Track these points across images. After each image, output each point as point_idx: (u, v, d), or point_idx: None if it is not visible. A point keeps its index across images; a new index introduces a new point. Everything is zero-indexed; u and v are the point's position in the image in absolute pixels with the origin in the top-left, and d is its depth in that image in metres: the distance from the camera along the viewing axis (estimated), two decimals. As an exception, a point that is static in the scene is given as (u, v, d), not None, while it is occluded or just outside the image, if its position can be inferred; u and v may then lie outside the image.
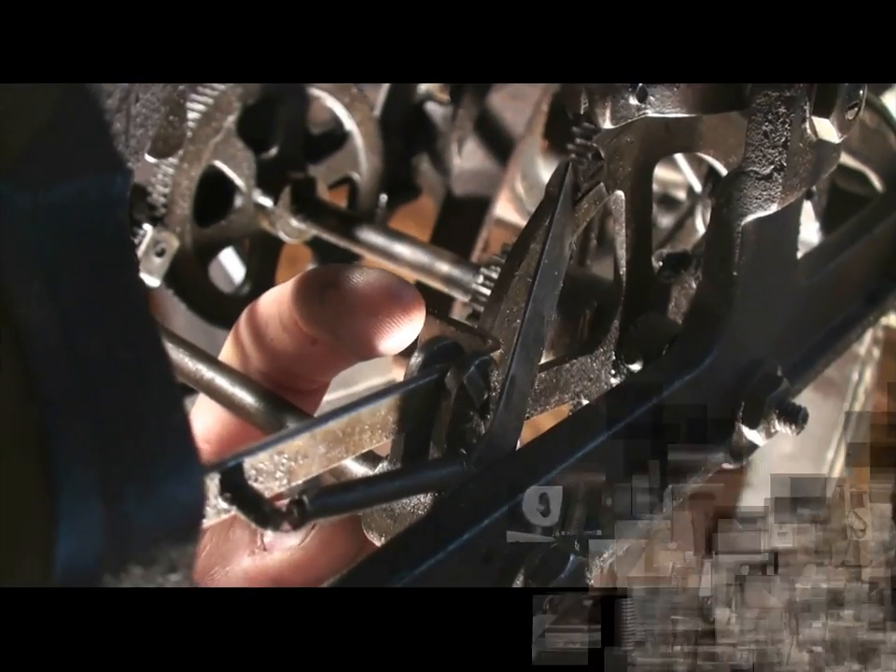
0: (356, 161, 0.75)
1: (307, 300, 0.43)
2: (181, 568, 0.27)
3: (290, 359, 0.45)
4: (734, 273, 0.45)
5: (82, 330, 0.28)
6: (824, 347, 0.56)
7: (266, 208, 0.68)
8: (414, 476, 0.37)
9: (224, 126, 0.66)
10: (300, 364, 0.45)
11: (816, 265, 0.54)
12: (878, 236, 0.58)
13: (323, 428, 0.35)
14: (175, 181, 0.65)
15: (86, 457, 0.26)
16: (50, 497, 0.25)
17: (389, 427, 0.38)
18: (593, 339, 0.48)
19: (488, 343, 0.40)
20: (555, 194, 0.42)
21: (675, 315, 0.50)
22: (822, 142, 0.44)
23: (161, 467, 0.27)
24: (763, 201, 0.44)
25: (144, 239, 0.64)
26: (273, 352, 0.44)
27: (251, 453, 0.33)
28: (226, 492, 0.32)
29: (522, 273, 0.42)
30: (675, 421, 0.45)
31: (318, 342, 0.43)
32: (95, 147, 0.30)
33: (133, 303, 0.30)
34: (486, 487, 0.38)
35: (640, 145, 0.47)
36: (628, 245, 0.48)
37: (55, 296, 0.28)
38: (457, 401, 0.38)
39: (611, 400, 0.43)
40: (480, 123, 0.77)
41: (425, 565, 0.34)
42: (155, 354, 0.29)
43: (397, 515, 0.39)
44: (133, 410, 0.27)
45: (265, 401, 0.45)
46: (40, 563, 0.24)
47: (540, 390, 0.45)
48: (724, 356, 0.47)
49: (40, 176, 0.29)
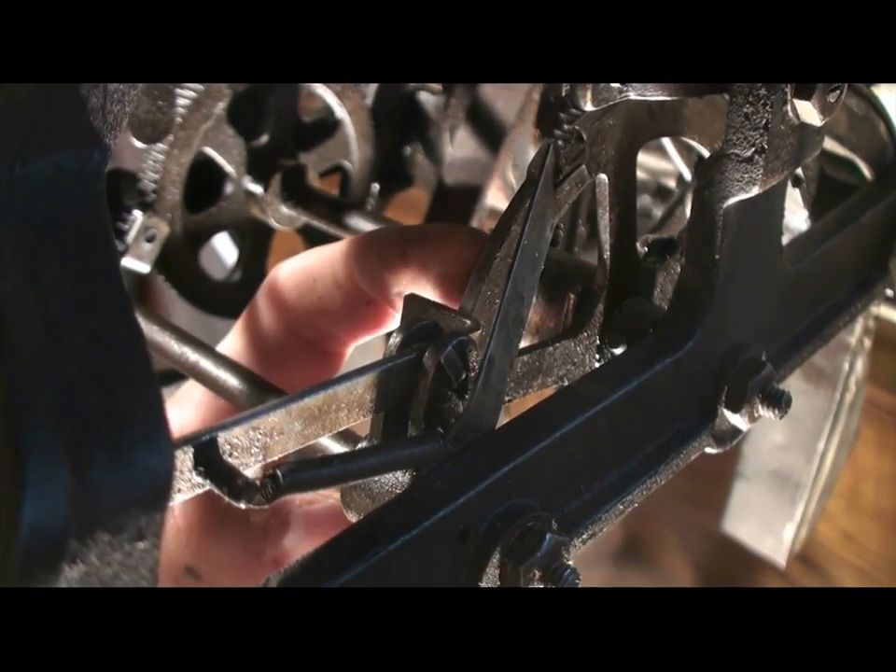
0: (347, 149, 0.75)
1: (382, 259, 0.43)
2: (149, 536, 0.27)
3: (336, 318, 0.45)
4: (716, 256, 0.45)
5: (54, 301, 0.28)
6: (810, 334, 0.56)
7: (256, 195, 0.68)
8: (390, 453, 0.37)
9: (214, 112, 0.66)
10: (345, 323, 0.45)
11: (802, 252, 0.54)
12: (866, 224, 0.58)
13: (299, 405, 0.36)
14: (166, 167, 0.65)
15: (54, 424, 0.26)
16: (17, 463, 0.25)
17: (367, 405, 0.38)
18: (577, 323, 0.49)
19: (467, 323, 0.40)
20: (536, 176, 0.42)
21: (660, 301, 0.50)
22: (804, 125, 0.44)
23: (130, 435, 0.27)
24: (745, 183, 0.44)
25: (134, 225, 0.64)
26: (317, 310, 0.45)
27: (226, 427, 0.34)
28: (199, 466, 0.33)
29: (503, 255, 0.42)
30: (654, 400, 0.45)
31: (373, 302, 0.43)
32: (72, 122, 0.30)
33: (108, 275, 0.30)
34: (463, 466, 0.38)
35: (624, 128, 0.47)
36: (612, 230, 0.48)
37: (28, 267, 0.28)
38: (435, 381, 0.38)
39: (591, 382, 0.44)
40: (471, 112, 0.78)
41: (400, 540, 0.35)
42: (127, 325, 0.29)
43: (375, 494, 0.39)
44: (103, 378, 0.27)
45: (249, 384, 0.46)
46: (6, 527, 0.24)
47: (523, 373, 0.45)
48: (707, 339, 0.47)
49: (16, 150, 0.29)
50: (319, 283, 0.45)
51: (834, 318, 0.57)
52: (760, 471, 0.84)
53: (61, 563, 0.25)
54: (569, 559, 0.39)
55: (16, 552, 0.24)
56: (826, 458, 0.82)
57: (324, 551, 0.34)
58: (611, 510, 0.43)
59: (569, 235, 0.69)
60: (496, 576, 0.38)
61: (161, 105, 0.58)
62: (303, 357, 0.47)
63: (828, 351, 0.75)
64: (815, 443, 0.80)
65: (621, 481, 0.44)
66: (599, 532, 0.42)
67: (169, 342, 0.49)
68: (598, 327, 0.48)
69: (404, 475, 0.39)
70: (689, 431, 0.47)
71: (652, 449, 0.46)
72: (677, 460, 0.46)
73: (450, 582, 0.37)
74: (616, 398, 0.43)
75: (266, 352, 0.48)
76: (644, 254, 0.51)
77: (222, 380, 0.46)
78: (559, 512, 0.41)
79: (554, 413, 0.41)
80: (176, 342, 0.49)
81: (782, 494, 0.83)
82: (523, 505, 0.39)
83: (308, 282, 0.45)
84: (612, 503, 0.43)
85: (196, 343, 0.48)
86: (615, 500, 0.43)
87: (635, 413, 0.44)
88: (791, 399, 0.49)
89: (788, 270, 0.52)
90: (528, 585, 0.38)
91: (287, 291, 0.46)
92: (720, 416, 0.48)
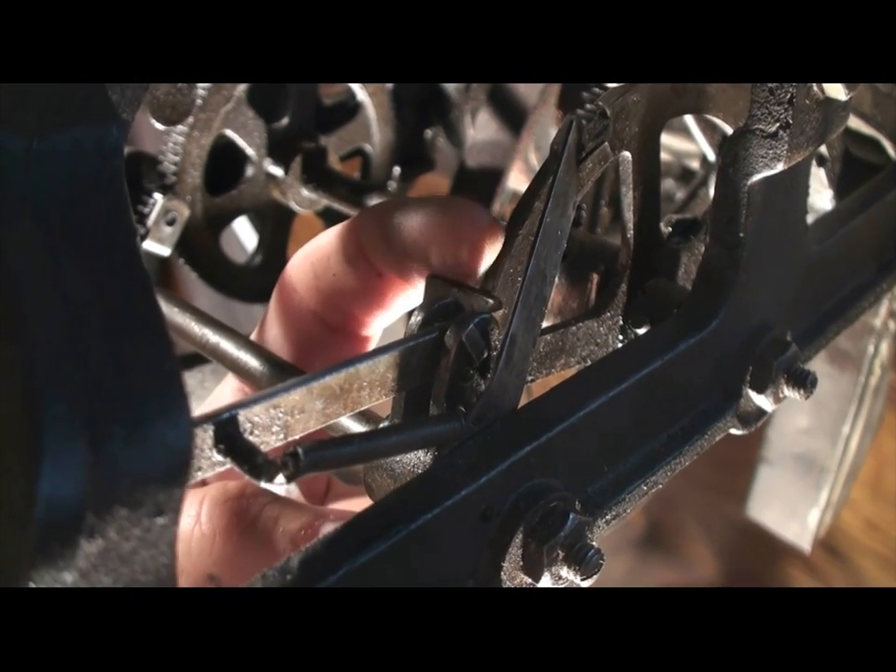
0: (368, 132, 0.75)
1: (382, 230, 0.43)
2: (168, 512, 0.27)
3: (352, 295, 0.45)
4: (740, 234, 0.45)
5: (72, 277, 0.28)
6: (835, 314, 0.55)
7: (277, 178, 0.68)
8: (411, 432, 0.36)
9: (235, 95, 0.65)
10: (361, 299, 0.45)
11: (826, 231, 0.53)
12: (891, 203, 0.57)
13: (320, 383, 0.35)
14: (186, 149, 0.65)
15: (72, 398, 0.26)
16: (35, 435, 0.25)
17: (388, 384, 0.38)
18: (600, 303, 0.48)
19: (489, 302, 0.39)
20: (559, 152, 0.42)
21: (684, 282, 0.49)
22: (829, 100, 0.43)
23: (148, 409, 0.27)
24: (770, 160, 0.43)
25: (154, 208, 0.64)
26: (334, 289, 0.45)
27: (246, 405, 0.33)
28: (220, 443, 0.32)
29: (525, 233, 0.41)
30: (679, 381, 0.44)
31: (384, 275, 0.44)
32: (90, 97, 0.30)
33: (126, 251, 0.30)
34: (485, 445, 0.37)
35: (647, 105, 0.46)
36: (635, 208, 0.47)
37: (46, 240, 0.28)
38: (456, 359, 0.38)
39: (614, 362, 0.43)
40: (493, 94, 0.77)
41: (421, 520, 0.34)
42: (145, 301, 0.29)
43: (397, 474, 0.39)
44: (121, 354, 0.27)
45: (270, 365, 0.45)
46: (23, 500, 0.24)
47: (546, 353, 0.44)
48: (731, 319, 0.46)
49: (35, 124, 0.29)
50: (333, 260, 0.45)
51: (860, 299, 0.57)
52: (784, 456, 0.83)
53: (78, 537, 0.25)
54: (593, 539, 0.39)
55: (32, 525, 0.24)
56: (851, 442, 0.81)
57: (345, 530, 0.33)
58: (635, 490, 0.42)
59: (592, 217, 0.68)
60: (518, 556, 0.38)
61: (181, 87, 0.57)
62: (330, 343, 0.47)
63: (852, 333, 0.74)
64: (839, 427, 0.80)
65: (644, 461, 0.43)
66: (623, 513, 0.42)
67: (190, 324, 0.49)
68: (622, 307, 0.48)
69: (426, 454, 0.38)
70: (713, 412, 0.47)
71: (676, 430, 0.45)
72: (701, 441, 0.46)
73: (472, 562, 0.37)
74: (639, 378, 0.42)
75: (294, 341, 0.48)
76: (668, 234, 0.50)
77: (243, 361, 0.46)
78: (582, 493, 0.41)
79: (577, 393, 0.41)
80: (197, 323, 0.49)
81: (807, 478, 0.82)
82: (545, 485, 0.39)
83: (323, 261, 0.45)
84: (636, 484, 0.43)
85: (217, 324, 0.48)
86: (639, 481, 0.43)
87: (658, 394, 0.44)
88: (817, 379, 0.48)
89: (812, 249, 0.51)
90: (552, 565, 0.38)
91: (305, 274, 0.46)
92: (744, 397, 0.48)
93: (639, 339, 0.46)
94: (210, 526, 0.44)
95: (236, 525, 0.44)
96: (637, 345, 0.45)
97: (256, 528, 0.44)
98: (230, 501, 0.44)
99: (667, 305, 0.48)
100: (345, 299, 0.45)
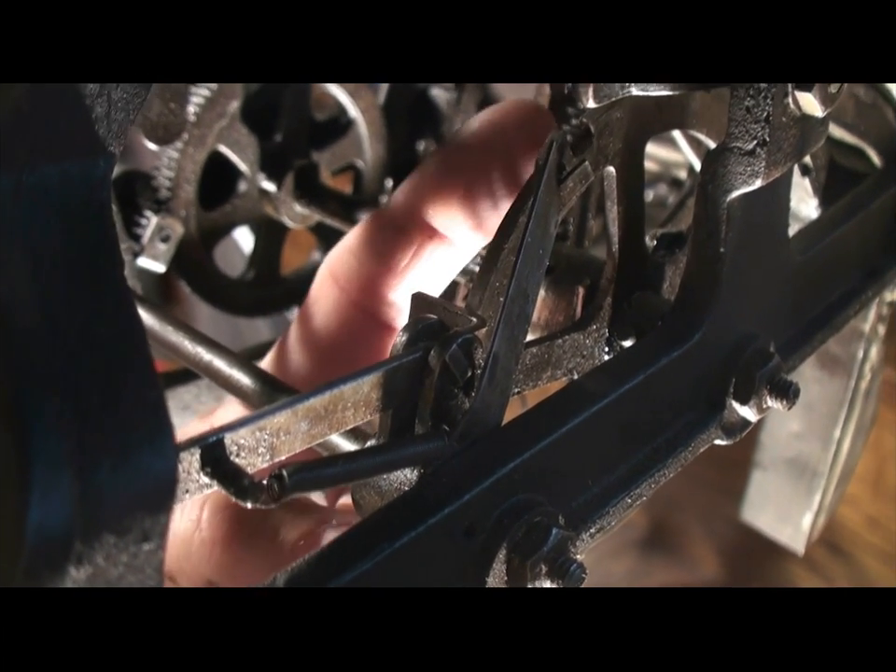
0: (360, 148, 0.76)
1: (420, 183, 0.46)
2: (154, 538, 0.28)
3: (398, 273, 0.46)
4: (721, 249, 0.45)
5: (61, 307, 0.29)
6: (821, 322, 0.56)
7: (270, 193, 0.69)
8: (396, 451, 0.37)
9: (228, 111, 0.66)
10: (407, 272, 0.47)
11: (811, 241, 0.54)
12: (876, 211, 0.58)
13: (305, 405, 0.36)
14: (181, 165, 0.65)
15: (59, 428, 0.26)
16: (23, 466, 0.25)
17: (373, 404, 0.39)
18: (586, 316, 0.49)
19: (472, 321, 0.40)
20: (542, 168, 0.42)
21: (669, 295, 0.50)
22: (806, 116, 0.44)
23: (134, 438, 0.28)
24: (748, 176, 0.44)
25: (148, 226, 0.65)
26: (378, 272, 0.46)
27: (232, 428, 0.34)
28: (206, 466, 0.33)
29: (510, 247, 0.42)
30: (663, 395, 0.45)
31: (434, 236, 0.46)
32: (78, 131, 0.30)
33: (113, 281, 0.30)
34: (469, 462, 0.38)
35: (631, 121, 0.47)
36: (620, 223, 0.48)
37: (36, 272, 0.29)
38: (441, 379, 0.39)
39: (597, 376, 0.44)
40: (483, 107, 0.77)
41: (406, 537, 0.35)
42: (132, 331, 0.30)
43: (384, 492, 0.40)
44: (108, 384, 0.28)
45: (262, 383, 0.46)
46: (13, 530, 0.25)
47: (532, 365, 0.45)
48: (714, 332, 0.47)
49: (24, 158, 0.29)
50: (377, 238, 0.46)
51: (846, 306, 0.57)
52: (777, 460, 0.84)
53: (67, 564, 0.26)
54: (577, 553, 0.40)
55: (23, 554, 0.25)
56: (842, 446, 0.82)
57: (330, 549, 0.34)
58: (619, 503, 0.43)
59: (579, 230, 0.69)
60: (502, 571, 0.38)
61: (173, 108, 0.58)
62: (368, 333, 0.48)
63: (842, 338, 0.75)
64: (831, 431, 0.80)
65: (629, 474, 0.44)
66: (608, 526, 0.43)
67: (183, 342, 0.50)
68: (608, 319, 0.49)
69: (412, 472, 0.39)
70: (697, 424, 0.47)
71: (660, 442, 0.46)
72: (685, 453, 0.46)
73: (456, 579, 0.38)
74: (622, 392, 0.43)
75: (330, 332, 0.48)
76: (653, 247, 0.51)
77: (235, 379, 0.47)
78: (567, 507, 0.41)
79: (561, 409, 0.41)
80: (190, 342, 0.49)
81: (799, 482, 0.83)
82: (529, 500, 0.39)
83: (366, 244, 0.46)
84: (620, 497, 0.43)
85: (209, 342, 0.49)
86: (623, 494, 0.43)
87: (642, 407, 0.45)
88: (800, 389, 0.49)
89: (796, 259, 0.52)
90: (535, 580, 0.38)
91: (345, 264, 0.47)
92: (728, 408, 0.49)
93: (621, 353, 0.47)
94: (210, 533, 0.45)
95: (236, 533, 0.45)
96: (619, 360, 0.46)
97: (255, 538, 0.44)
98: (231, 508, 0.45)
99: (653, 318, 0.48)
100: (391, 280, 0.46)
